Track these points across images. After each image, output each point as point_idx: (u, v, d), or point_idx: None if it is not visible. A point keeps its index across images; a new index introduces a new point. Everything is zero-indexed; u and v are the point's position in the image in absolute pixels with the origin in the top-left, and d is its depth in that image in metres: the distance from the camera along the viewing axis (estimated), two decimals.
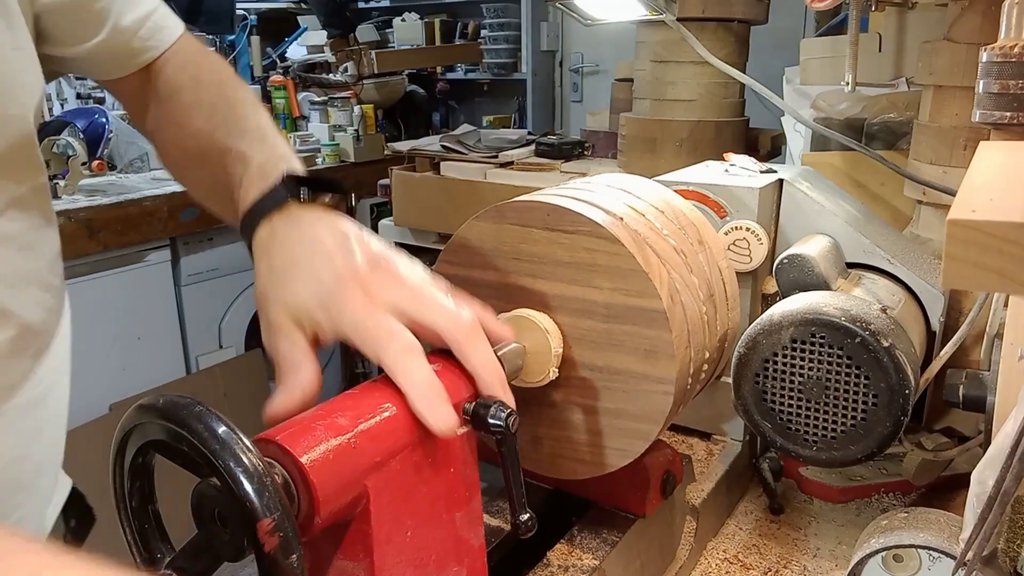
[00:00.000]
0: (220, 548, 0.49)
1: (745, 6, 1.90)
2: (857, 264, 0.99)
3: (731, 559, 0.94)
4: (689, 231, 0.80)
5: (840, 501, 1.04)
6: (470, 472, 0.64)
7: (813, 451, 0.83)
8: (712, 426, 1.08)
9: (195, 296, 2.91)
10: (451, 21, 5.23)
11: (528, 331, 0.74)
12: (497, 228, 0.75)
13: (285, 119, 3.74)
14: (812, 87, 1.70)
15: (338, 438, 0.53)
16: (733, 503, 1.04)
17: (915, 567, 0.73)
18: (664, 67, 1.96)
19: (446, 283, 0.65)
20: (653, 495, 0.83)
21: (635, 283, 0.69)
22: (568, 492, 0.87)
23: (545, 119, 5.01)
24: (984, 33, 1.05)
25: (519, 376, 0.74)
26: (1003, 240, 0.44)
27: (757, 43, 2.04)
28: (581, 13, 2.08)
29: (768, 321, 0.82)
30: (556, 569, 0.78)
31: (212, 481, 0.48)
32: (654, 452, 0.85)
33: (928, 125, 1.17)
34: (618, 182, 0.83)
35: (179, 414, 0.48)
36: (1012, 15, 0.77)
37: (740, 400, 0.85)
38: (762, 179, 1.00)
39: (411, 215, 2.53)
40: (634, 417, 0.73)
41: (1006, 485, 0.48)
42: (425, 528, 0.60)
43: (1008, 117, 0.76)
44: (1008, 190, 0.51)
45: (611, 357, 0.72)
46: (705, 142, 1.97)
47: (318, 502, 0.51)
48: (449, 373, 0.64)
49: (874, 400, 0.78)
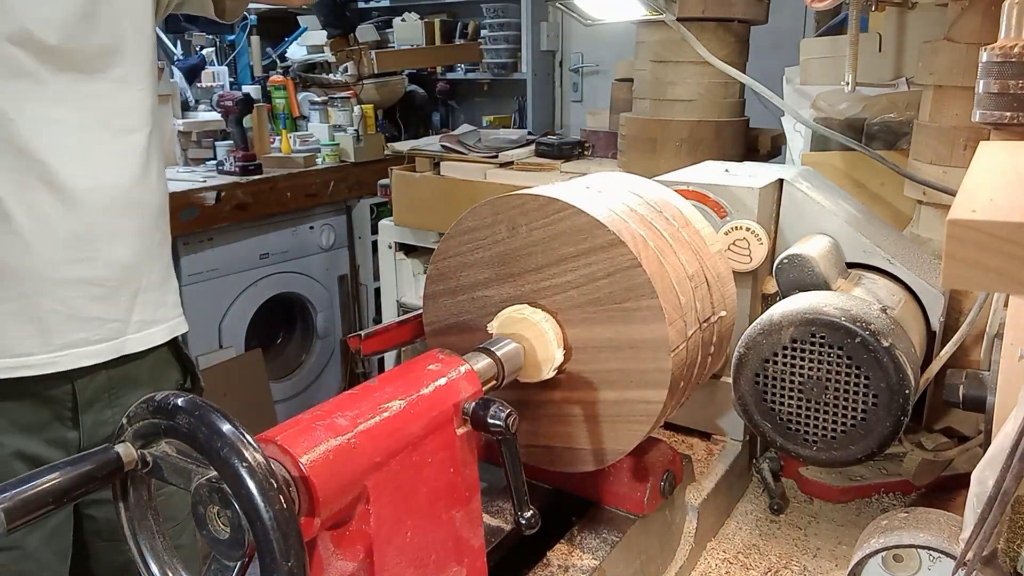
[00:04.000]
0: (219, 546, 0.49)
1: (745, 6, 1.89)
2: (857, 264, 0.99)
3: (731, 559, 0.94)
4: (667, 210, 0.82)
5: (840, 501, 1.04)
6: (470, 472, 0.64)
7: (813, 451, 0.83)
8: (712, 426, 1.08)
9: (195, 296, 2.91)
10: (451, 21, 5.22)
11: (528, 330, 0.74)
12: (493, 217, 0.77)
13: (285, 119, 3.73)
14: (812, 87, 1.70)
15: (338, 438, 0.53)
16: (733, 503, 1.04)
17: (915, 567, 0.73)
18: (664, 67, 1.96)
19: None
20: (653, 494, 0.83)
21: (620, 258, 0.71)
22: (569, 492, 0.87)
23: (545, 119, 5.01)
24: (984, 33, 1.05)
25: (519, 374, 0.74)
26: (1003, 240, 0.44)
27: (757, 43, 2.04)
28: (581, 13, 2.08)
29: (768, 321, 0.82)
30: (556, 569, 0.78)
31: (214, 478, 0.48)
32: (654, 451, 0.86)
33: (928, 125, 1.17)
34: (601, 180, 0.85)
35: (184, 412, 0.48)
36: (1012, 15, 0.77)
37: (740, 400, 0.85)
38: (762, 179, 1.00)
39: (411, 215, 2.52)
40: (638, 388, 0.73)
41: (1006, 485, 0.48)
42: (425, 528, 0.60)
43: (1008, 117, 0.76)
44: (1008, 190, 0.51)
45: (608, 333, 0.73)
46: (705, 142, 1.97)
47: (318, 502, 0.51)
48: (449, 373, 0.64)
49: (874, 400, 0.78)
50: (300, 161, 3.14)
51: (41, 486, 0.48)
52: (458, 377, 0.64)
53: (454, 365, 0.65)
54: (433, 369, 0.64)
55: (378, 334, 0.81)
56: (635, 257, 0.70)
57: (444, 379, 0.63)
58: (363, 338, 0.79)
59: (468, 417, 0.63)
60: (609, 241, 0.71)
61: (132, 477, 0.53)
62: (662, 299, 0.70)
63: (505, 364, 0.70)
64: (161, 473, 0.52)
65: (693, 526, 0.93)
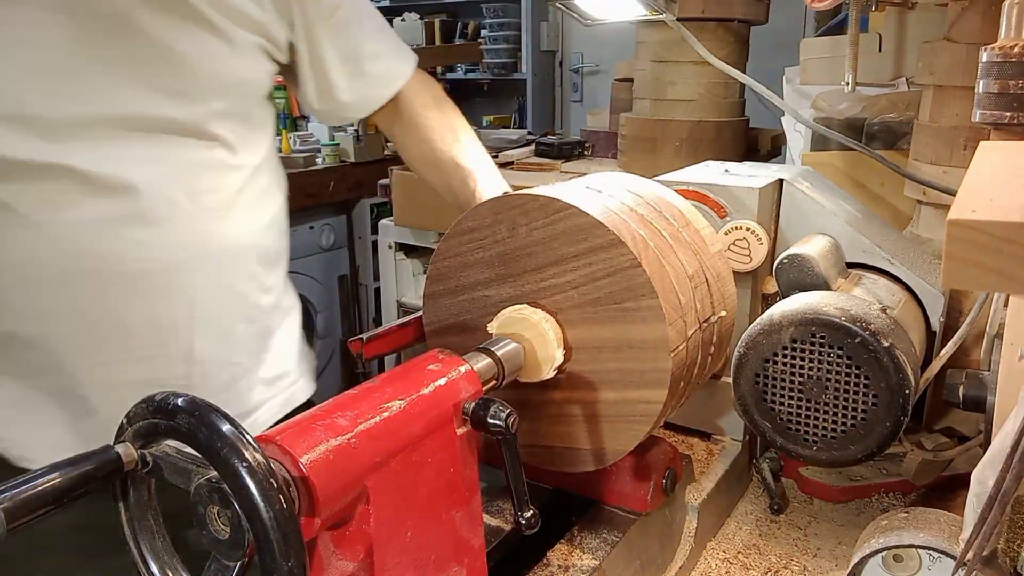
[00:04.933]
0: (219, 546, 0.49)
1: (745, 6, 1.89)
2: (857, 264, 0.99)
3: (731, 559, 0.94)
4: (667, 210, 0.82)
5: (840, 501, 1.04)
6: (470, 472, 0.64)
7: (813, 451, 0.83)
8: (712, 426, 1.08)
9: None
10: (451, 21, 5.23)
11: (527, 330, 0.74)
12: (493, 217, 0.77)
13: (285, 119, 3.73)
14: (812, 87, 1.70)
15: (338, 438, 0.53)
16: (733, 503, 1.04)
17: (915, 567, 0.73)
18: (664, 67, 1.96)
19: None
20: (655, 492, 0.83)
21: (620, 258, 0.71)
22: (569, 492, 0.87)
23: (545, 119, 5.01)
24: (984, 33, 1.05)
25: (519, 374, 0.74)
26: (1003, 240, 0.44)
27: (757, 43, 2.04)
28: (581, 13, 2.08)
29: (768, 321, 0.82)
30: (556, 569, 0.78)
31: (214, 478, 0.48)
32: (655, 449, 0.86)
33: (928, 125, 1.17)
34: (601, 180, 0.85)
35: (184, 412, 0.48)
36: (1012, 15, 0.77)
37: (740, 400, 0.85)
38: (762, 179, 1.00)
39: (411, 215, 2.52)
40: (638, 388, 0.73)
41: (1006, 485, 0.48)
42: (425, 528, 0.60)
43: (1008, 117, 0.76)
44: (1008, 190, 0.51)
45: (608, 333, 0.73)
46: (705, 142, 1.97)
47: (318, 502, 0.51)
48: (449, 373, 0.64)
49: (874, 400, 0.78)
50: (300, 161, 3.14)
51: (41, 486, 0.48)
52: (458, 377, 0.64)
53: (454, 365, 0.65)
54: (433, 369, 0.64)
55: (380, 337, 0.81)
56: (635, 257, 0.70)
57: (444, 379, 0.63)
58: (365, 342, 0.79)
59: (468, 417, 0.63)
60: (609, 241, 0.71)
61: (132, 477, 0.53)
62: (662, 299, 0.70)
63: (505, 364, 0.70)
64: (161, 473, 0.52)
65: (693, 526, 0.93)
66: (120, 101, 0.86)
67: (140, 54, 0.86)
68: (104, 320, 0.89)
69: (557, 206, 0.73)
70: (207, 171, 0.95)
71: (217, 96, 0.93)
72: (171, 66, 0.88)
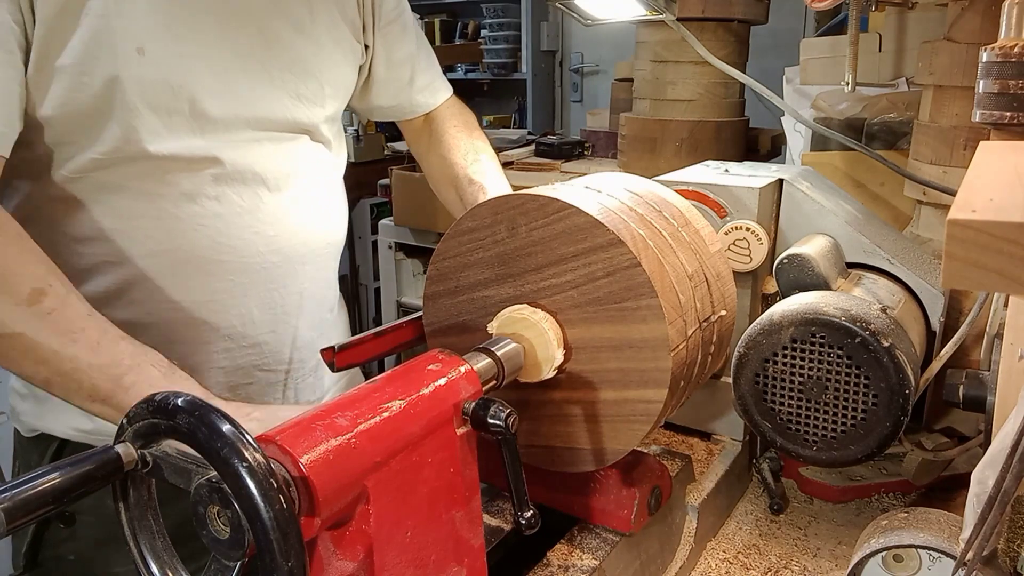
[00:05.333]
0: (219, 546, 0.49)
1: (745, 6, 1.90)
2: (857, 264, 0.99)
3: (731, 559, 0.94)
4: (666, 210, 0.82)
5: (840, 501, 1.04)
6: (470, 472, 0.64)
7: (813, 451, 0.83)
8: (712, 426, 1.08)
9: None
10: (451, 21, 5.23)
11: (527, 330, 0.74)
12: (493, 217, 0.77)
13: None
14: (812, 87, 1.70)
15: (338, 438, 0.53)
16: (733, 503, 1.04)
17: (915, 567, 0.73)
18: (664, 67, 1.96)
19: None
20: (640, 512, 0.82)
21: (620, 258, 0.71)
22: (553, 509, 0.85)
23: (545, 119, 5.01)
24: (984, 33, 1.05)
25: (519, 374, 0.74)
26: (1003, 240, 0.44)
27: (757, 43, 2.04)
28: (581, 13, 2.08)
29: (768, 321, 0.82)
30: (556, 569, 0.78)
31: (214, 478, 0.48)
32: (640, 467, 0.85)
33: (928, 125, 1.17)
34: (601, 179, 0.85)
35: (184, 412, 0.48)
36: (1012, 15, 0.77)
37: (740, 400, 0.85)
38: (762, 179, 1.00)
39: (411, 215, 2.52)
40: (638, 387, 0.73)
41: (1006, 485, 0.48)
42: (425, 528, 0.60)
43: (1008, 117, 0.76)
44: (1008, 190, 0.51)
45: (608, 332, 0.73)
46: (705, 142, 1.97)
47: (318, 502, 0.51)
48: (449, 373, 0.64)
49: (874, 400, 0.78)
50: None
51: (41, 486, 0.48)
52: (458, 377, 0.64)
53: (454, 365, 0.65)
54: (433, 369, 0.64)
55: (353, 347, 0.80)
56: (635, 257, 0.70)
57: (444, 379, 0.63)
58: (337, 351, 0.78)
59: (468, 417, 0.63)
60: (609, 241, 0.71)
61: (132, 477, 0.53)
62: (662, 298, 0.70)
63: (505, 364, 0.70)
64: (161, 473, 0.52)
65: (693, 526, 0.93)
66: (266, 103, 0.96)
67: (279, 61, 0.97)
68: (229, 308, 0.96)
69: (556, 206, 0.73)
70: (318, 169, 1.05)
71: (332, 100, 1.05)
72: (301, 72, 0.99)
